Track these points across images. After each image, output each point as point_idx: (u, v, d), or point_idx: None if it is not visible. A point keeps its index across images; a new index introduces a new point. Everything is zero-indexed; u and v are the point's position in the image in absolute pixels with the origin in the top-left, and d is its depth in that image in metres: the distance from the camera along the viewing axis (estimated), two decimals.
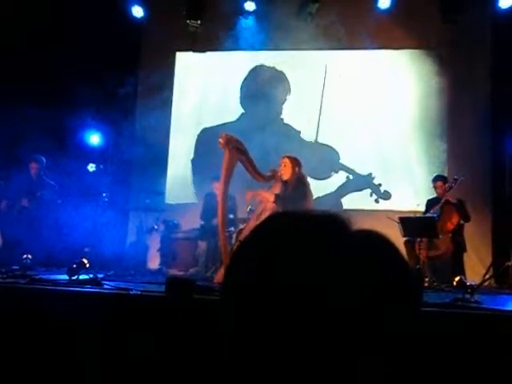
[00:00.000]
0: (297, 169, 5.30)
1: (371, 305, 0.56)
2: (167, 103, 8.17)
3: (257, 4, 7.62)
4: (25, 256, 5.07)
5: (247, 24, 7.70)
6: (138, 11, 8.01)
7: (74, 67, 7.06)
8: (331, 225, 0.62)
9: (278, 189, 5.36)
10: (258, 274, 0.58)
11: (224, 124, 7.84)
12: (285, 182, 5.34)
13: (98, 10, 7.21)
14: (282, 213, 0.69)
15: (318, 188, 6.96)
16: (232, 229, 6.34)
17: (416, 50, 7.48)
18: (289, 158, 5.39)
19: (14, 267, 5.02)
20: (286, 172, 5.31)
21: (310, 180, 5.57)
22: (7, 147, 6.38)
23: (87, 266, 4.51)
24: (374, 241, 0.62)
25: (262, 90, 7.88)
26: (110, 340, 3.47)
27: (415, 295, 0.62)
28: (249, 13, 7.67)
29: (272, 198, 5.17)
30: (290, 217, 0.65)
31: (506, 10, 7.09)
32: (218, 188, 6.63)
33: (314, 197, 5.43)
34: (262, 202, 5.43)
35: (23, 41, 6.93)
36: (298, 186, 5.24)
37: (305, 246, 0.58)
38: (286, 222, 0.64)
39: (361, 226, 0.63)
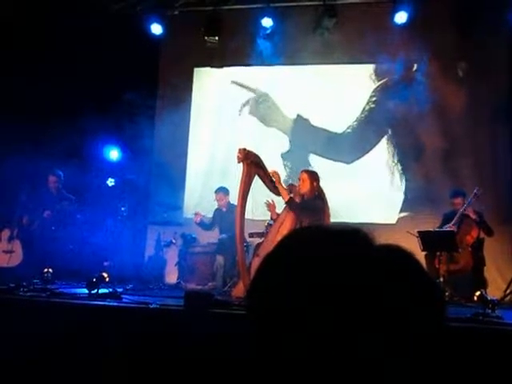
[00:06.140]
0: (315, 183, 5.31)
1: (399, 316, 0.58)
2: (185, 117, 8.25)
3: (274, 20, 7.68)
4: (45, 270, 5.12)
5: (264, 39, 7.75)
6: (156, 29, 8.13)
7: (93, 83, 7.17)
8: (356, 238, 0.63)
9: None
10: (285, 287, 0.60)
11: None
12: (302, 196, 5.35)
13: (118, 27, 7.34)
14: (306, 227, 0.70)
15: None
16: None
17: (433, 64, 7.44)
18: (307, 172, 5.42)
19: (35, 281, 5.08)
20: (304, 186, 5.33)
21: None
22: (27, 162, 6.47)
23: (107, 279, 4.55)
24: (398, 255, 0.63)
25: None
26: (129, 353, 3.49)
27: (440, 307, 0.63)
28: (266, 29, 7.73)
29: (286, 198, 5.18)
30: (315, 231, 0.67)
31: None
32: (219, 199, 6.76)
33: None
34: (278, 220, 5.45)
35: (44, 56, 7.07)
36: (316, 199, 5.25)
37: (333, 258, 0.60)
38: (311, 235, 0.66)
39: (381, 241, 0.65)
